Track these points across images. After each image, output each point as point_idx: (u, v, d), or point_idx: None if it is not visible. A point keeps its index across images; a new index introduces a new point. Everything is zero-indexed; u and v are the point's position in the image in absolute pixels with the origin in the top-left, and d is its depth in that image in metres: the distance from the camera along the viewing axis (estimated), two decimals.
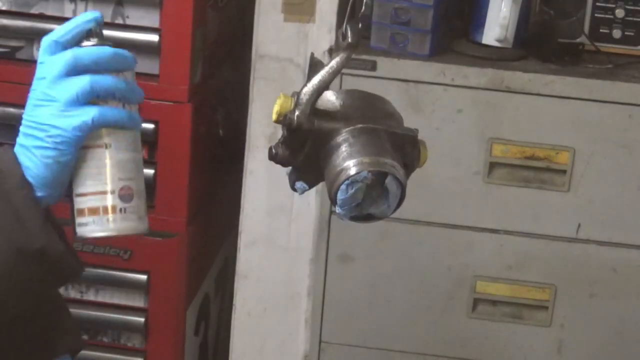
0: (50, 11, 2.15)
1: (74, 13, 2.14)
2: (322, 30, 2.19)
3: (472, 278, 2.21)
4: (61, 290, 2.27)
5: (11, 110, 2.18)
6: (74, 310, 2.24)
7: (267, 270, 2.33)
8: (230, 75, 2.48)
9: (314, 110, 1.16)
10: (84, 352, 2.34)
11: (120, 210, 1.12)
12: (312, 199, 2.25)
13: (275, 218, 2.30)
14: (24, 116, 1.14)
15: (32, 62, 2.18)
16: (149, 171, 2.19)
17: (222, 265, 2.59)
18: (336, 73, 1.16)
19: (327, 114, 1.17)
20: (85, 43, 1.15)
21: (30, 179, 1.11)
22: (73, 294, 2.27)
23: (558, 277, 2.20)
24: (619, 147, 2.13)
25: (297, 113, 1.15)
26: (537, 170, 2.16)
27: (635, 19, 2.22)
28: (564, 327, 2.22)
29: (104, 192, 1.12)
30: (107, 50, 1.14)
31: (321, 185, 1.21)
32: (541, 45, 2.20)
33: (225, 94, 2.46)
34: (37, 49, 2.16)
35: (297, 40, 2.20)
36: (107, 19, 2.14)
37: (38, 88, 1.13)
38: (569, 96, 2.11)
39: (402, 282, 2.24)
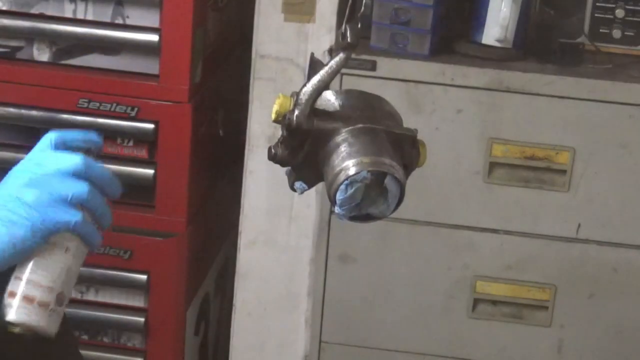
0: (50, 11, 2.15)
1: (74, 13, 2.14)
2: (322, 30, 2.19)
3: (472, 278, 2.21)
4: None
5: (11, 110, 2.19)
6: (74, 310, 2.26)
7: (267, 270, 2.33)
8: (230, 75, 2.48)
9: (313, 110, 1.16)
10: (84, 352, 2.34)
11: (51, 310, 1.16)
12: (312, 199, 2.25)
13: (275, 218, 2.30)
14: (5, 188, 1.16)
15: (32, 62, 2.19)
16: (149, 171, 2.19)
17: (222, 265, 2.59)
18: (335, 73, 1.16)
19: (327, 114, 1.17)
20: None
21: None
22: (73, 294, 2.26)
23: (558, 277, 2.20)
24: (619, 147, 2.13)
25: (296, 113, 1.15)
26: (537, 170, 2.16)
27: (635, 19, 2.22)
28: (564, 327, 2.22)
29: (47, 287, 1.15)
30: (108, 172, 1.19)
31: (321, 185, 1.21)
32: (541, 45, 2.20)
33: (225, 94, 2.46)
34: (37, 49, 2.18)
35: (297, 40, 2.20)
36: (107, 19, 2.14)
37: (35, 172, 1.15)
38: (569, 96, 2.11)
39: (402, 282, 2.24)
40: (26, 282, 1.15)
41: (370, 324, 2.27)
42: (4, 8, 2.15)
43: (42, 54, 2.18)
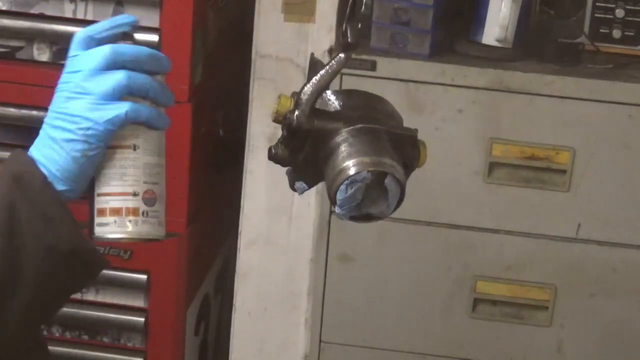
0: (50, 11, 2.15)
1: (74, 13, 2.14)
2: (322, 30, 2.19)
3: (472, 278, 2.21)
4: None
5: (11, 110, 2.19)
6: (74, 310, 2.26)
7: (267, 270, 2.33)
8: (230, 75, 2.48)
9: (313, 110, 1.16)
10: (85, 352, 2.35)
11: (143, 213, 1.12)
12: (312, 199, 2.25)
13: (275, 218, 2.30)
14: (51, 108, 1.13)
15: (32, 62, 2.19)
16: None
17: (222, 265, 2.60)
18: (336, 73, 1.16)
19: (327, 114, 1.17)
20: (120, 43, 1.15)
21: (55, 172, 1.10)
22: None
23: (558, 277, 2.20)
24: (619, 147, 2.13)
25: (296, 113, 1.15)
26: (537, 170, 2.16)
27: (635, 19, 2.22)
28: (564, 327, 2.22)
29: (128, 194, 1.11)
30: (145, 49, 1.14)
31: (321, 185, 1.21)
32: (541, 45, 2.20)
33: (225, 94, 2.46)
34: (37, 49, 2.18)
35: (297, 40, 2.20)
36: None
37: (72, 80, 1.12)
38: (569, 96, 2.11)
39: (402, 282, 2.24)
40: (106, 195, 1.11)
41: (370, 324, 2.27)
42: (4, 8, 2.15)
43: (42, 54, 2.18)
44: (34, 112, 2.18)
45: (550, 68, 2.15)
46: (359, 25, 1.16)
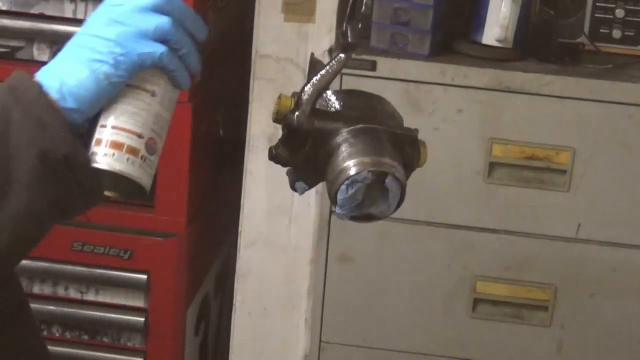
0: (50, 11, 2.15)
1: (74, 13, 2.14)
2: (322, 30, 2.19)
3: (472, 278, 2.21)
4: (61, 289, 2.27)
5: None
6: (74, 310, 2.26)
7: (267, 270, 2.33)
8: (230, 75, 2.48)
9: (313, 110, 1.15)
10: (84, 352, 2.35)
11: (142, 157, 1.08)
12: (312, 199, 2.26)
13: (275, 218, 2.30)
14: (82, 31, 1.10)
15: (32, 62, 2.19)
16: None
17: (222, 265, 2.60)
18: (336, 73, 1.16)
19: (327, 114, 1.17)
20: None
21: (72, 87, 1.06)
22: (73, 293, 2.27)
23: (558, 277, 2.20)
24: (619, 147, 2.13)
25: (297, 113, 1.15)
26: (537, 170, 2.16)
27: (635, 19, 2.22)
28: (564, 327, 2.23)
29: (135, 134, 1.08)
30: (193, 10, 1.13)
31: (321, 185, 1.21)
32: (541, 45, 2.20)
33: (225, 94, 2.46)
34: (37, 49, 2.18)
35: (297, 40, 2.20)
36: None
37: (113, 11, 1.09)
38: (569, 96, 2.11)
39: (402, 282, 2.24)
40: (112, 127, 1.07)
41: (370, 324, 2.27)
42: (4, 8, 2.16)
43: (42, 54, 2.18)
44: None
45: (550, 68, 2.15)
46: (359, 25, 1.16)
